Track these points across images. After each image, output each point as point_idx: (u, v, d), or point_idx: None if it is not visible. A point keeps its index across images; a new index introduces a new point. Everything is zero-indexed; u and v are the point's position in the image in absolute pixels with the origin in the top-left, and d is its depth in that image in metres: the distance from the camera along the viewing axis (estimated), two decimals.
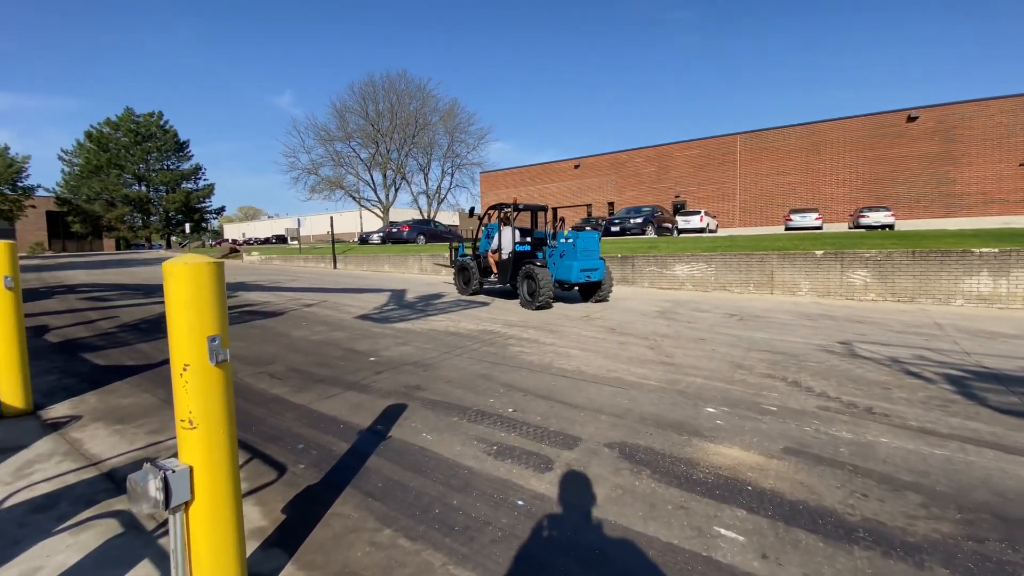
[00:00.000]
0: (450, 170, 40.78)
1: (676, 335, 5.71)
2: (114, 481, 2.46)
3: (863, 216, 20.93)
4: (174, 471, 1.44)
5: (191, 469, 1.48)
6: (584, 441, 2.85)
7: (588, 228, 23.26)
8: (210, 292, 1.48)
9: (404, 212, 45.42)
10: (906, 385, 3.91)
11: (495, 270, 9.05)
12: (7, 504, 2.24)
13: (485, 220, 9.77)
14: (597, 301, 8.50)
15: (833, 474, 2.52)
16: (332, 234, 21.92)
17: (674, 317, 6.88)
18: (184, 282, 1.45)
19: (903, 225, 22.81)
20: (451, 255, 10.66)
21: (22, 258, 33.24)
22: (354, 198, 39.00)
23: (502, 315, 7.20)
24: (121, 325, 6.64)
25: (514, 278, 8.52)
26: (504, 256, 8.76)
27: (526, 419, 3.17)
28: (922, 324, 6.42)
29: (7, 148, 32.56)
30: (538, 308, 7.69)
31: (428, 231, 25.19)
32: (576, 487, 2.36)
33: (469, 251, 10.18)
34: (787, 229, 21.81)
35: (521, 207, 8.79)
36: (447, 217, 47.29)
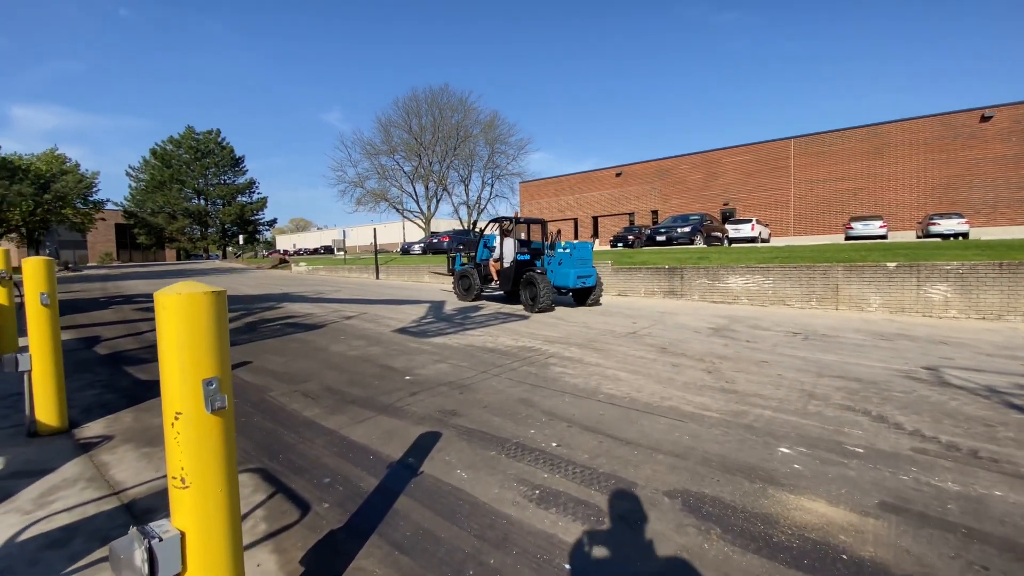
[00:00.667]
0: (490, 181, 41.01)
1: (735, 356, 5.22)
2: (132, 514, 2.31)
3: (933, 223, 19.31)
4: (162, 539, 1.22)
5: (182, 536, 1.25)
6: (640, 487, 2.49)
7: (631, 238, 22.66)
8: (207, 327, 1.26)
9: (445, 223, 45.96)
10: (1012, 422, 3.33)
11: (495, 277, 9.72)
12: (24, 537, 2.11)
13: (487, 231, 10.64)
14: (590, 304, 9.37)
15: (944, 539, 2.06)
16: (375, 245, 22.30)
17: (731, 335, 6.36)
18: (176, 315, 1.23)
19: (978, 233, 20.93)
20: (449, 264, 11.23)
21: (91, 267, 35.69)
22: (397, 210, 39.81)
23: (541, 330, 6.88)
24: None
25: (516, 284, 9.23)
26: (506, 265, 9.47)
27: (572, 456, 2.84)
28: (1016, 346, 5.63)
29: (78, 165, 35.14)
30: (539, 311, 8.49)
31: (468, 242, 25.21)
32: (633, 549, 2.01)
33: (466, 260, 10.92)
34: (848, 238, 20.43)
35: (521, 220, 10.17)
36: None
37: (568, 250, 9.11)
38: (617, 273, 11.22)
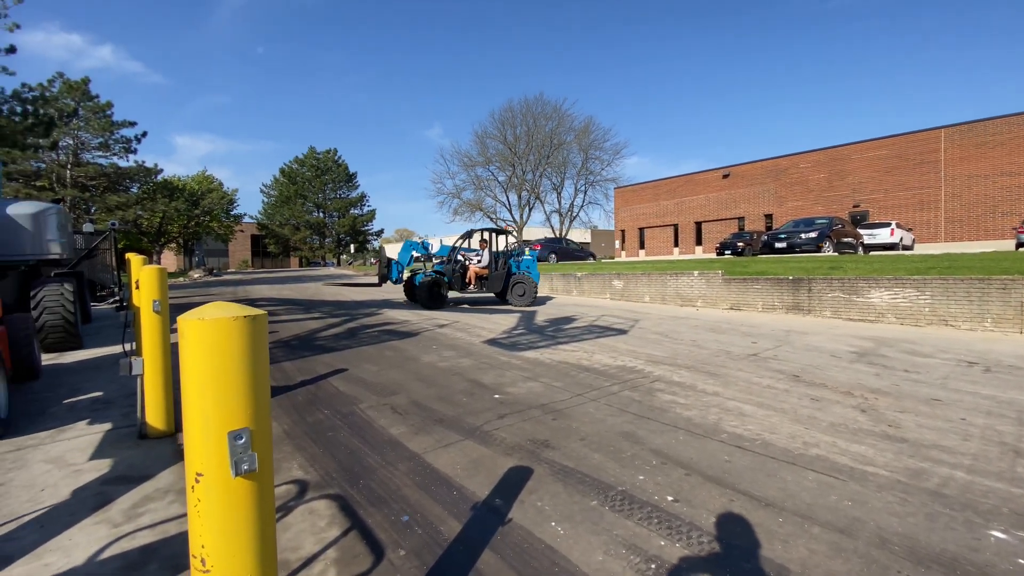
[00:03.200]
0: (583, 187, 40.32)
1: (893, 391, 4.20)
2: None
3: None
4: None
5: None
6: None
7: (740, 244, 20.72)
8: (237, 362, 0.96)
9: (536, 231, 46.01)
10: None
11: (472, 282, 11.30)
12: (104, 556, 2.05)
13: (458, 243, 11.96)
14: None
15: None
16: None
17: (882, 362, 5.23)
18: (199, 346, 0.95)
19: None
20: (381, 271, 11.69)
21: (230, 273, 40.72)
22: (491, 219, 40.59)
23: (643, 347, 6.22)
24: (275, 341, 7.15)
25: (505, 286, 11.28)
26: (496, 270, 11.34)
27: (695, 519, 2.27)
28: None
29: (221, 184, 40.58)
30: (529, 305, 10.93)
31: (559, 249, 24.81)
32: None
33: (415, 270, 12.01)
34: (1020, 245, 16.85)
35: (498, 230, 12.32)
36: (579, 235, 46.74)
37: (531, 256, 11.89)
38: (728, 284, 10.09)
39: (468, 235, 11.80)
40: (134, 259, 3.66)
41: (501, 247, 12.71)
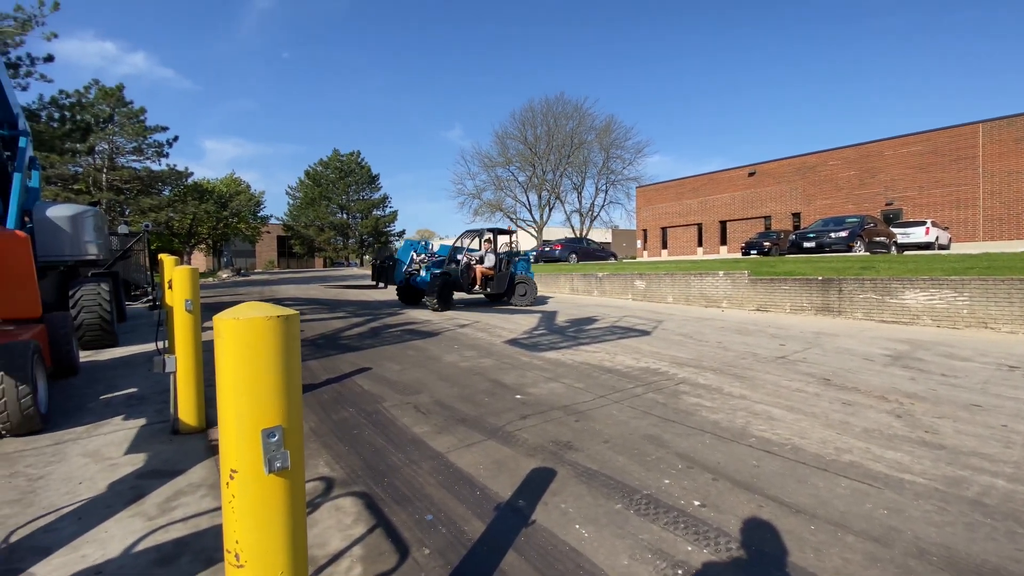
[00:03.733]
0: (604, 187, 40.04)
1: (930, 396, 4.05)
2: None
3: None
4: None
5: None
6: None
7: (767, 244, 20.29)
8: (270, 361, 0.98)
9: (556, 231, 45.86)
10: None
11: (478, 283, 11.11)
12: (139, 548, 2.12)
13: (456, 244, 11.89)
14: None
15: None
16: None
17: (918, 366, 5.04)
18: (233, 345, 0.96)
19: None
20: (374, 275, 11.68)
21: (257, 273, 41.71)
22: (511, 219, 40.68)
23: (667, 349, 6.13)
24: (301, 340, 7.28)
25: (509, 287, 11.24)
26: (501, 271, 11.19)
27: (723, 524, 2.22)
28: None
29: (249, 186, 41.61)
30: (530, 304, 11.11)
31: (580, 249, 24.68)
32: None
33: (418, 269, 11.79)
34: None
35: (500, 230, 11.95)
36: (600, 234, 46.43)
37: (525, 256, 12.05)
38: (755, 285, 9.87)
39: (469, 235, 11.70)
40: (167, 260, 3.77)
41: (500, 248, 12.66)
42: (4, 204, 6.09)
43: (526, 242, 47.31)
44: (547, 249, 24.97)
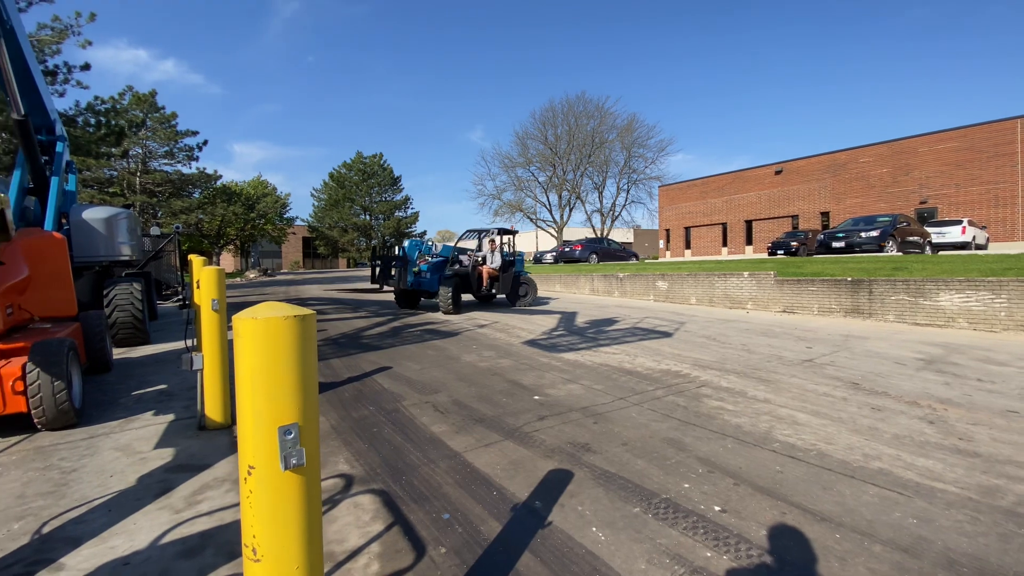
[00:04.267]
0: (626, 186, 39.68)
1: (965, 402, 3.89)
2: None
3: None
4: None
5: None
6: None
7: (794, 244, 19.79)
8: (287, 360, 1.00)
9: (576, 231, 45.63)
10: None
11: (485, 283, 10.99)
12: (165, 540, 2.18)
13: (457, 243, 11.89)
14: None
15: None
16: None
17: (952, 371, 4.85)
18: (251, 344, 0.98)
19: None
20: (374, 275, 11.47)
21: (283, 273, 42.63)
22: (531, 219, 40.63)
23: (689, 351, 6.04)
24: (324, 339, 7.41)
25: (513, 287, 11.09)
26: (505, 271, 11.02)
27: (744, 531, 2.18)
28: None
29: (275, 188, 42.51)
30: (530, 304, 11.09)
31: (601, 249, 24.49)
32: None
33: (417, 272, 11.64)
34: None
35: (504, 231, 11.60)
36: (621, 234, 46.02)
37: (521, 257, 12.01)
38: (781, 286, 9.64)
39: (469, 235, 11.66)
40: (196, 260, 3.89)
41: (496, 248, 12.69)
42: (42, 207, 6.37)
43: (546, 242, 47.23)
44: (567, 249, 24.83)
